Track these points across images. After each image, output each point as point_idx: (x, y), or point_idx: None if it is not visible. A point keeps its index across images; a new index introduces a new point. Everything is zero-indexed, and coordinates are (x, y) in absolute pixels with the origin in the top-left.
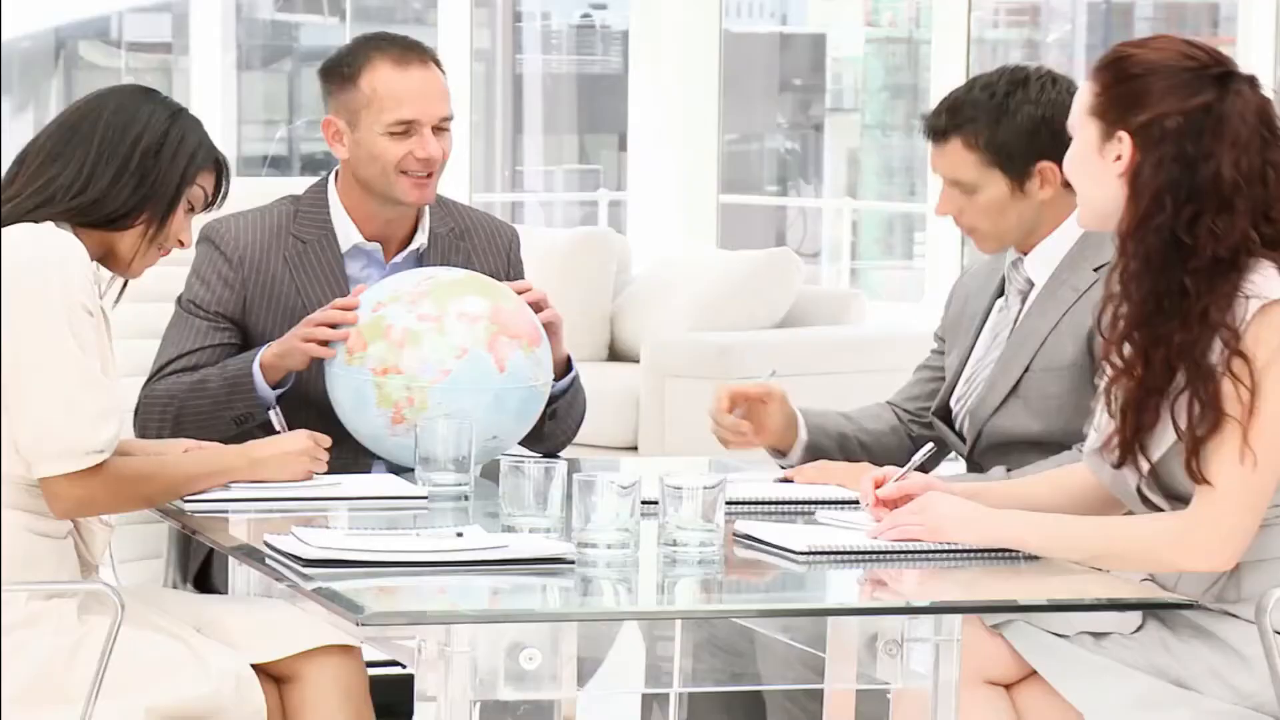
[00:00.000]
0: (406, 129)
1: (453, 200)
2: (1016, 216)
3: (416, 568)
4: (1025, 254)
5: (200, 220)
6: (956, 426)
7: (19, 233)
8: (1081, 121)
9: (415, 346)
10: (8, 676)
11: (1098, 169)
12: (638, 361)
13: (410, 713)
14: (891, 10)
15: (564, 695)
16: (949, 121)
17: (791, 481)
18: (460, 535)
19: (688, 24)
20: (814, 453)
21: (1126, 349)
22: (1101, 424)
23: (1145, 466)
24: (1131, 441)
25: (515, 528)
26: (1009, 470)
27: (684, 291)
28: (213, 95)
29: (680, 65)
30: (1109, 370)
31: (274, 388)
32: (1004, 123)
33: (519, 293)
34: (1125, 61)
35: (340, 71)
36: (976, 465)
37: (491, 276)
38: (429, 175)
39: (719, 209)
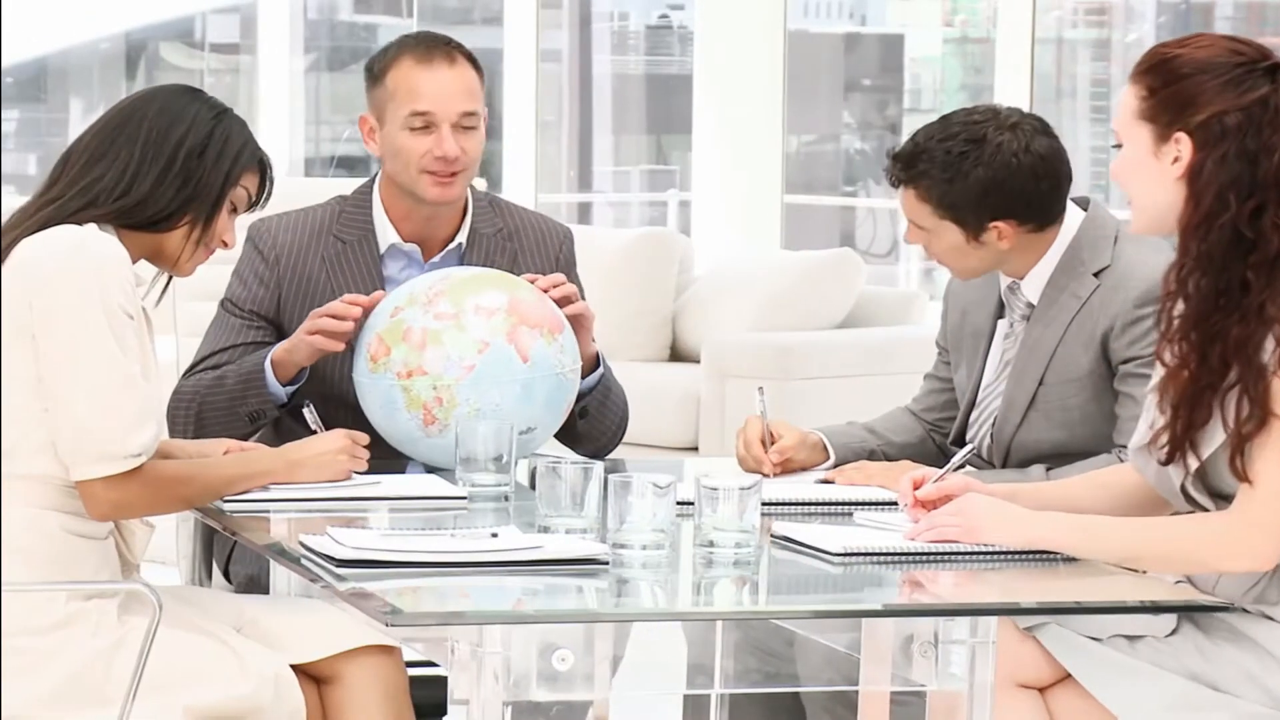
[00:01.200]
0: (425, 124)
1: (506, 200)
2: (978, 260)
3: (450, 568)
4: (1020, 278)
5: (249, 218)
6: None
7: (59, 235)
8: (1131, 128)
9: (436, 345)
10: (45, 677)
11: (1155, 172)
12: (699, 362)
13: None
14: (968, 12)
15: (597, 696)
16: (904, 171)
17: (832, 483)
18: (495, 536)
19: (752, 24)
20: None
21: (1182, 346)
22: (1153, 420)
23: (1193, 464)
24: (1182, 438)
25: (551, 528)
26: (1048, 469)
27: (745, 292)
28: (280, 96)
29: (744, 65)
30: (1161, 367)
31: (287, 385)
32: (956, 183)
33: (552, 287)
34: (1172, 63)
35: (371, 69)
36: None
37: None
38: (452, 174)
39: (784, 209)
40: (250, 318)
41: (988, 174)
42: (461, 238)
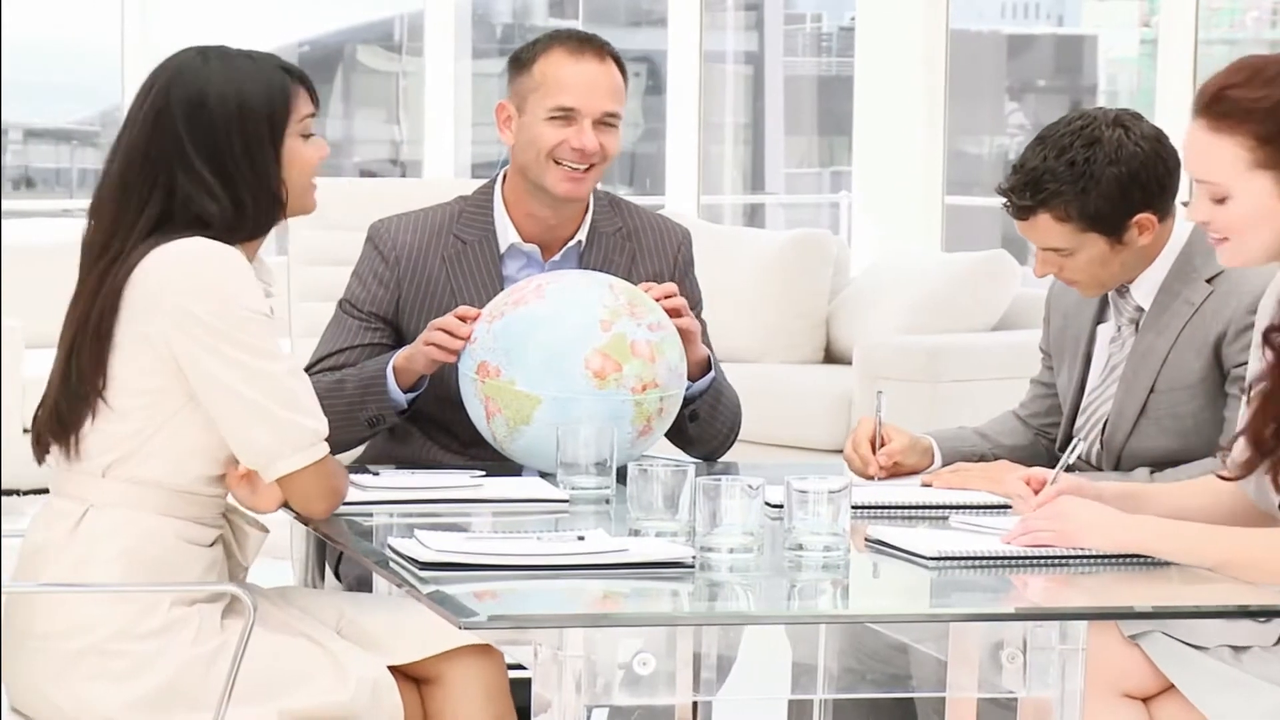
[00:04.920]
0: (567, 116)
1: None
2: (1119, 264)
3: (534, 571)
4: (1130, 283)
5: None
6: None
7: (181, 253)
8: (1244, 182)
9: (663, 358)
10: (143, 682)
11: None
12: (852, 364)
13: None
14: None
15: (679, 700)
16: (1033, 199)
17: (931, 486)
18: (581, 539)
19: (913, 24)
20: None
21: None
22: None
23: None
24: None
25: (643, 531)
26: (1152, 473)
27: (899, 294)
28: (444, 98)
29: (905, 65)
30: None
31: (408, 391)
32: (1090, 190)
33: (664, 296)
34: (1275, 105)
35: (519, 58)
36: None
37: (657, 277)
38: (587, 170)
39: (944, 211)
40: (369, 319)
41: (1119, 169)
42: (581, 235)
